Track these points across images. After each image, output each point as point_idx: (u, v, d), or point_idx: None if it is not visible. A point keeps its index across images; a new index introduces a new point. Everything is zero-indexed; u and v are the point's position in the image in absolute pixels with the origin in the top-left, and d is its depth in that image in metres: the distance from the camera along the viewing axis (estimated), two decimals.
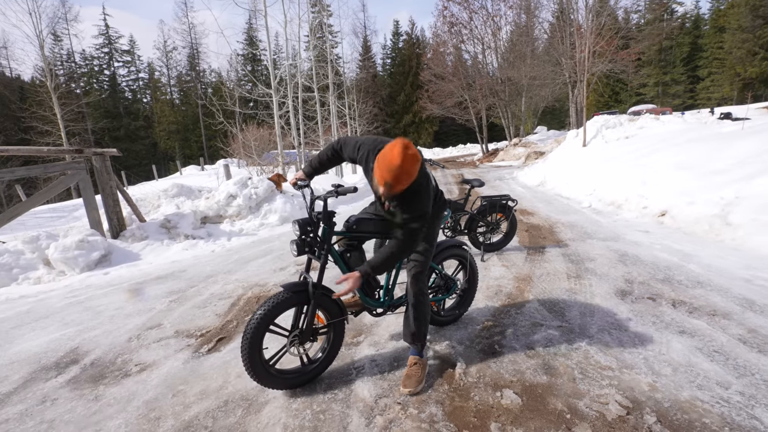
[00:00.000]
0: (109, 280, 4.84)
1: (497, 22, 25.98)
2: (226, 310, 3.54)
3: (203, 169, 31.09)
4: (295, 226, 2.11)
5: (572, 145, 13.02)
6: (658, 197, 5.92)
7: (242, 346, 2.00)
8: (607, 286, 3.34)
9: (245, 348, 1.99)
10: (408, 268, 2.29)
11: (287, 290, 2.06)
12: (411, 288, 2.26)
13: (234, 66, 41.21)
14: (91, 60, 49.15)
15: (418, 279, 2.25)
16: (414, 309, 2.26)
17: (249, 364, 2.00)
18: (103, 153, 5.93)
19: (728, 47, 36.13)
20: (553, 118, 42.84)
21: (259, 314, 2.00)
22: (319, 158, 2.47)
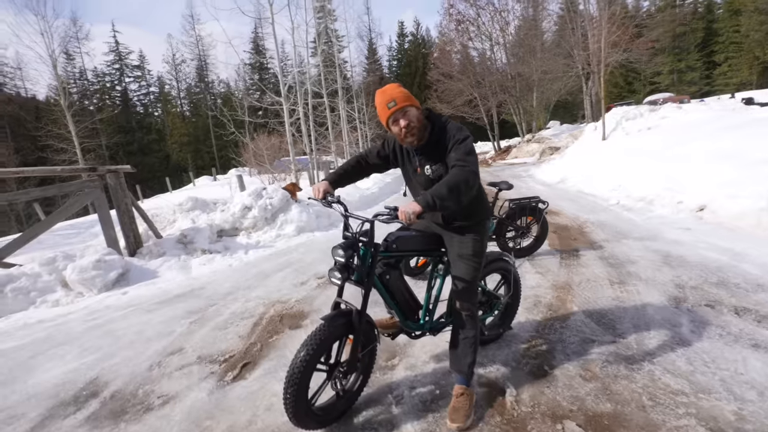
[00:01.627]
0: (128, 301, 4.73)
1: (505, 17, 25.61)
2: (249, 330, 3.37)
3: (216, 180, 31.39)
4: (339, 251, 1.88)
5: (591, 138, 12.63)
6: (695, 191, 5.59)
7: (286, 392, 1.76)
8: (656, 293, 3.08)
9: (291, 395, 1.75)
10: (454, 284, 2.08)
11: (330, 324, 1.86)
12: (459, 308, 2.05)
13: (242, 75, 41.57)
14: (103, 77, 50.20)
15: (467, 298, 2.04)
16: (463, 333, 2.05)
17: (293, 412, 1.78)
18: (117, 170, 5.86)
19: (745, 30, 35.03)
20: (566, 112, 42.05)
21: (303, 356, 1.78)
22: (344, 167, 2.30)
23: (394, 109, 1.87)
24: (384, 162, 2.23)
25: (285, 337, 3.14)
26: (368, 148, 2.30)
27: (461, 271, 2.06)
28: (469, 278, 2.04)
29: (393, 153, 2.16)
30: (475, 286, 2.07)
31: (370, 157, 2.25)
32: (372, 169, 2.29)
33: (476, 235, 2.08)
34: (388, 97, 1.88)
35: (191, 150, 51.80)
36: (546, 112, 31.15)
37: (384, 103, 1.89)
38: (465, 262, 2.05)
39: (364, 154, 2.29)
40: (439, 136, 1.95)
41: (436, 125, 1.97)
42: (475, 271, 2.05)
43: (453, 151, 1.87)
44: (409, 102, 1.88)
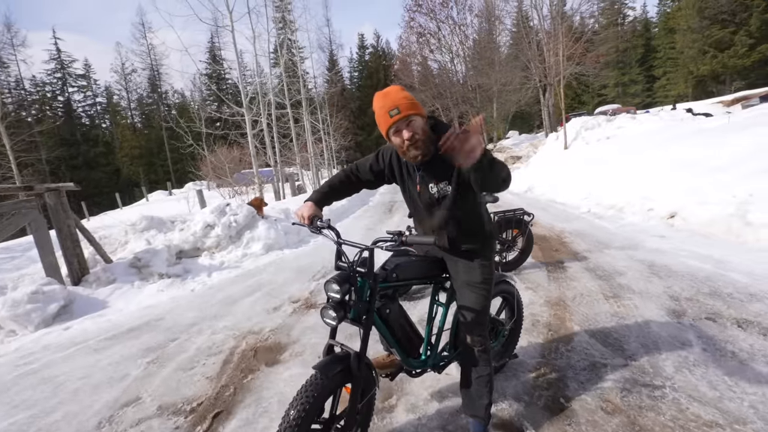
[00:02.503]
0: (71, 337, 4.12)
1: (464, 30, 26.31)
2: (219, 370, 2.95)
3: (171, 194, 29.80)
4: (333, 286, 1.57)
5: (554, 148, 13.01)
6: (664, 198, 5.73)
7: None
8: (654, 307, 2.98)
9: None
10: (462, 316, 1.83)
11: (324, 374, 1.53)
12: (470, 343, 1.80)
13: (198, 86, 40.09)
14: (43, 86, 46.72)
15: (479, 331, 1.80)
16: (476, 372, 1.80)
17: None
18: (58, 188, 5.21)
19: (680, 47, 38.05)
20: (523, 123, 43.76)
21: (295, 418, 1.44)
22: (330, 183, 2.01)
23: (396, 118, 1.59)
24: (377, 178, 1.95)
25: (262, 377, 2.76)
26: (359, 161, 2.00)
27: (470, 301, 1.81)
28: (479, 308, 1.80)
29: (389, 167, 1.89)
30: (485, 317, 1.84)
31: (362, 171, 1.97)
32: (362, 185, 2.02)
33: (484, 259, 1.84)
34: (390, 102, 1.60)
35: (144, 163, 49.10)
36: (505, 122, 32.17)
37: (385, 110, 1.60)
38: (474, 291, 1.81)
39: (354, 167, 2.01)
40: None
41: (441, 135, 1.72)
42: (485, 300, 1.81)
43: None
44: (415, 110, 1.61)
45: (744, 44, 32.51)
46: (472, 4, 26.94)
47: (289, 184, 15.07)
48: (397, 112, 1.59)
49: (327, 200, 1.96)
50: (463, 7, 26.63)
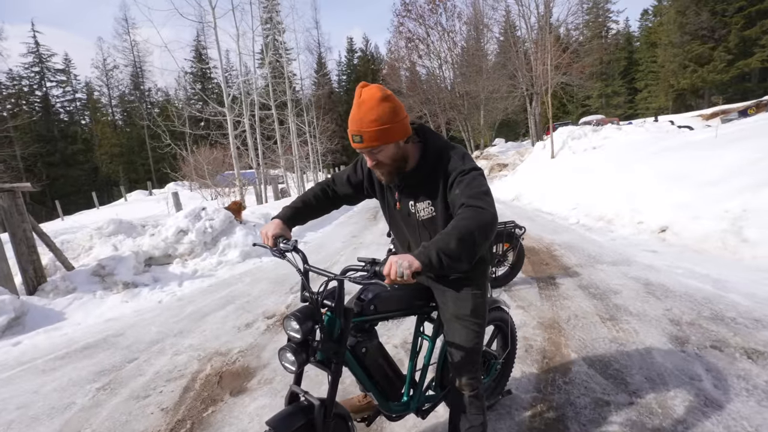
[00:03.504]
0: (19, 355, 3.72)
1: (452, 37, 26.37)
2: (177, 400, 2.62)
3: (151, 194, 28.96)
4: (292, 323, 1.28)
5: (540, 157, 12.97)
6: (654, 212, 5.61)
7: None
8: (655, 332, 2.78)
9: None
10: (450, 355, 1.57)
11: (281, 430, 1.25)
12: (459, 387, 1.54)
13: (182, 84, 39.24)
14: (20, 80, 45.11)
15: (469, 371, 1.54)
16: (467, 421, 1.54)
17: None
18: (13, 189, 4.78)
19: (661, 61, 38.95)
20: (509, 130, 44.16)
21: None
22: (303, 198, 1.73)
23: (358, 146, 1.36)
24: (356, 191, 1.70)
25: (225, 409, 2.44)
26: (336, 174, 1.75)
27: (460, 337, 1.55)
28: (470, 345, 1.54)
29: (368, 179, 1.64)
30: (478, 356, 1.57)
31: (339, 185, 1.72)
32: (341, 200, 1.76)
33: (476, 288, 1.57)
34: (356, 125, 1.32)
35: (123, 162, 47.78)
36: (492, 130, 32.34)
37: (350, 130, 1.35)
38: (464, 325, 1.55)
39: (330, 180, 1.75)
40: (433, 164, 1.43)
41: (430, 148, 1.45)
42: (477, 336, 1.55)
43: (458, 186, 1.34)
44: (383, 140, 1.32)
45: (723, 60, 33.42)
46: (461, 11, 27.11)
47: (272, 187, 14.68)
48: (360, 141, 1.33)
49: (299, 218, 1.69)
50: (452, 14, 26.73)
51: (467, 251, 1.15)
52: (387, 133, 1.32)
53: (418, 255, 1.13)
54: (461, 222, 1.21)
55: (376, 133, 1.30)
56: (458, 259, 1.14)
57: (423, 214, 1.49)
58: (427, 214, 1.48)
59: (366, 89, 1.34)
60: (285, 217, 1.62)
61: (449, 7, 26.43)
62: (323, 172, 27.38)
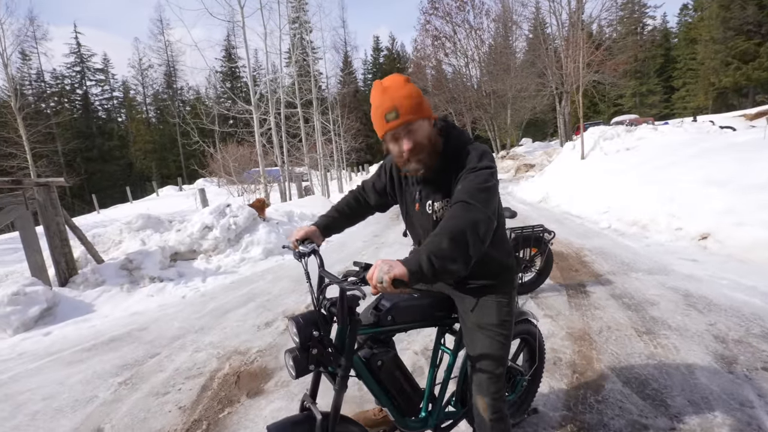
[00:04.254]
0: (49, 345, 3.84)
1: (480, 35, 25.90)
2: (195, 398, 2.61)
3: (182, 190, 29.83)
4: (292, 326, 1.22)
5: (570, 157, 12.53)
6: (694, 217, 5.27)
7: None
8: (698, 350, 2.57)
9: None
10: (472, 370, 1.45)
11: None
12: (480, 407, 1.43)
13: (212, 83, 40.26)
14: (62, 79, 47.41)
15: (492, 390, 1.41)
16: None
17: None
18: (48, 183, 4.95)
19: (701, 58, 37.07)
20: (537, 130, 43.09)
21: None
22: (337, 207, 1.71)
23: (394, 124, 1.25)
24: (382, 197, 1.64)
25: (241, 411, 2.41)
26: (364, 181, 1.70)
27: (482, 349, 1.42)
28: (493, 359, 1.41)
29: (390, 182, 1.56)
30: (501, 371, 1.43)
31: (367, 191, 1.69)
32: (373, 209, 1.73)
33: (502, 296, 1.45)
34: (389, 102, 1.24)
35: (156, 158, 49.49)
36: (518, 129, 31.62)
37: (381, 112, 1.26)
38: (487, 335, 1.42)
39: (360, 188, 1.72)
40: (451, 160, 1.33)
41: (451, 144, 1.35)
42: (502, 349, 1.42)
43: (462, 182, 1.24)
44: (419, 114, 1.27)
45: None
46: (489, 8, 26.61)
47: (296, 184, 14.79)
48: (395, 117, 1.24)
49: (335, 228, 1.68)
50: (479, 12, 26.25)
51: (460, 252, 1.06)
52: (421, 108, 1.27)
53: (406, 260, 1.04)
54: (450, 221, 1.12)
55: (411, 106, 1.25)
56: (452, 260, 1.04)
57: (440, 214, 1.40)
58: (443, 213, 1.39)
59: (389, 79, 1.31)
60: (321, 226, 1.63)
61: (477, 5, 25.99)
62: (347, 171, 27.47)
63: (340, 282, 1.19)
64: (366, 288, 1.10)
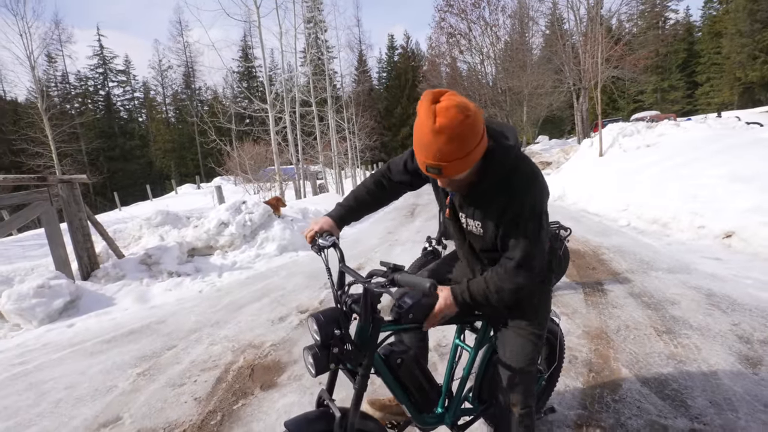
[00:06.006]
0: (71, 337, 3.96)
1: (495, 31, 25.57)
2: (209, 390, 2.65)
3: (199, 188, 30.37)
4: (313, 324, 1.21)
5: (587, 154, 12.29)
6: (718, 215, 5.10)
7: None
8: (720, 350, 2.49)
9: None
10: (501, 368, 1.44)
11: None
12: (509, 405, 1.41)
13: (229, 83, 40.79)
14: (86, 80, 48.86)
15: (523, 388, 1.40)
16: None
17: None
18: (71, 180, 5.10)
19: (726, 52, 35.92)
20: (554, 127, 42.40)
21: None
22: (356, 194, 1.63)
23: (433, 176, 1.17)
24: (413, 177, 1.54)
25: (254, 403, 2.44)
26: (392, 161, 1.59)
27: (514, 348, 1.40)
28: (526, 358, 1.39)
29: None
30: (533, 371, 1.43)
31: (394, 172, 1.57)
32: (398, 189, 1.62)
33: (538, 295, 1.43)
34: (434, 155, 1.07)
35: (175, 157, 50.52)
36: (535, 127, 31.11)
37: (423, 155, 1.11)
38: (520, 335, 1.40)
39: (385, 170, 1.61)
40: (493, 185, 1.23)
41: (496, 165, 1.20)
42: (535, 350, 1.40)
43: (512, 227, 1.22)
44: (464, 168, 1.12)
45: None
46: (505, 4, 26.15)
47: (310, 182, 14.91)
48: (437, 173, 1.12)
49: (352, 217, 1.61)
50: (495, 8, 25.86)
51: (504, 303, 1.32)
52: (468, 161, 1.10)
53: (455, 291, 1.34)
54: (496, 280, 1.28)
55: (456, 165, 1.09)
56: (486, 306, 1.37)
57: (471, 229, 1.37)
58: (475, 230, 1.36)
59: (443, 111, 1.03)
60: (337, 217, 1.56)
61: (493, 1, 25.64)
62: (361, 169, 27.52)
63: (367, 282, 1.18)
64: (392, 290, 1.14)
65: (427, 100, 1.07)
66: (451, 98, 1.06)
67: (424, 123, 1.06)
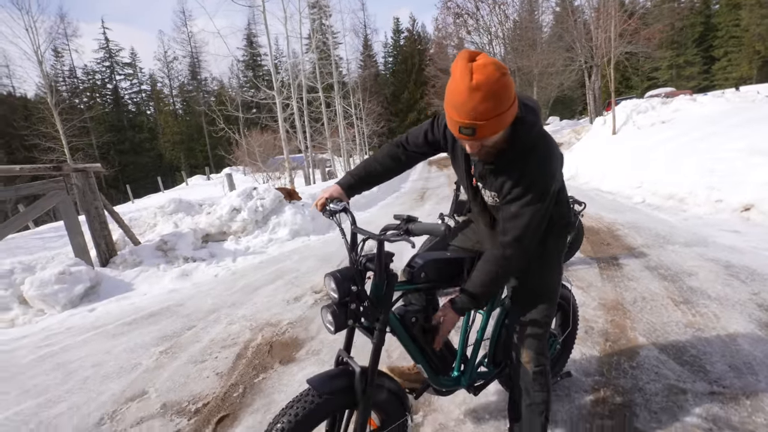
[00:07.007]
0: (94, 320, 4.07)
1: (504, 10, 24.98)
2: (230, 366, 2.72)
3: (209, 179, 30.63)
4: (330, 282, 1.25)
5: (601, 133, 12.06)
6: (736, 189, 4.99)
7: None
8: (739, 317, 2.46)
9: None
10: (516, 328, 1.47)
11: (320, 392, 1.21)
12: (524, 362, 1.44)
13: (235, 72, 40.71)
14: (93, 74, 49.12)
15: (538, 347, 1.43)
16: (528, 398, 1.44)
17: None
18: (86, 169, 5.18)
19: (745, 24, 34.64)
20: (564, 108, 41.60)
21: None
22: (366, 165, 1.63)
23: (465, 138, 1.15)
24: (432, 147, 1.54)
25: (274, 377, 2.50)
26: (411, 131, 1.58)
27: (528, 309, 1.44)
28: (540, 318, 1.42)
29: (444, 139, 1.47)
30: (547, 329, 1.46)
31: (412, 143, 1.56)
32: (413, 159, 1.62)
33: (551, 255, 1.45)
34: (469, 114, 1.06)
35: (184, 149, 50.87)
36: (545, 107, 30.57)
37: (455, 115, 1.10)
38: (534, 296, 1.44)
39: (403, 140, 1.60)
40: (513, 160, 1.24)
41: (519, 140, 1.23)
42: (550, 309, 1.43)
43: (510, 204, 1.25)
44: (498, 129, 1.11)
45: None
46: None
47: (319, 170, 14.93)
48: (471, 134, 1.10)
49: (361, 186, 1.61)
50: None
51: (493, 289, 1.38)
52: (502, 121, 1.10)
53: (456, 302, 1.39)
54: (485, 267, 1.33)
55: (491, 124, 1.08)
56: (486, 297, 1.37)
57: (488, 200, 1.41)
58: (491, 201, 1.39)
59: (481, 68, 1.03)
60: (346, 185, 1.57)
61: None
62: (369, 155, 27.46)
63: (380, 235, 1.22)
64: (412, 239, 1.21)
65: (464, 59, 1.06)
66: (487, 57, 1.06)
67: (460, 81, 1.05)
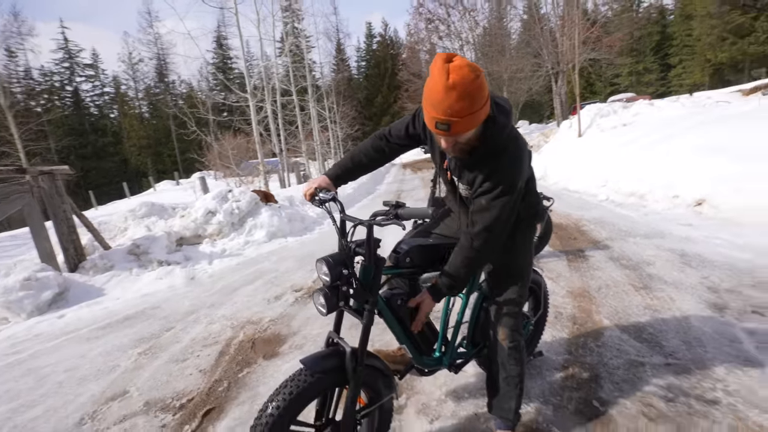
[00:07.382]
0: (64, 326, 3.95)
1: (474, 16, 25.63)
2: (213, 362, 2.73)
3: (178, 184, 29.77)
4: (322, 267, 1.32)
5: (567, 136, 12.58)
6: (691, 185, 5.37)
7: None
8: (691, 299, 2.69)
9: None
10: (493, 308, 1.60)
11: (313, 371, 1.29)
12: (501, 339, 1.56)
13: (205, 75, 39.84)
14: (51, 75, 46.76)
15: (512, 324, 1.57)
16: (504, 371, 1.56)
17: None
18: (52, 172, 5.01)
19: (697, 34, 36.84)
20: (533, 112, 42.97)
21: (273, 411, 1.22)
22: (352, 156, 1.71)
23: (440, 133, 1.24)
24: (412, 140, 1.64)
25: (258, 371, 2.53)
26: (393, 124, 1.68)
27: (503, 289, 1.57)
28: (514, 297, 1.56)
29: (423, 132, 1.57)
30: (521, 309, 1.61)
31: (395, 136, 1.65)
32: (395, 152, 1.71)
33: (522, 242, 1.59)
34: (444, 111, 1.15)
35: (151, 153, 49.20)
36: (516, 110, 31.50)
37: (432, 113, 1.20)
38: (508, 278, 1.58)
39: (386, 132, 1.69)
40: (484, 157, 1.35)
41: (490, 139, 1.33)
42: (522, 289, 1.57)
43: (480, 197, 1.37)
44: (471, 126, 1.22)
45: (765, 30, 31.31)
46: None
47: (294, 173, 14.84)
48: (446, 129, 1.20)
49: (347, 177, 1.69)
50: None
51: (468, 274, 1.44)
52: (475, 119, 1.20)
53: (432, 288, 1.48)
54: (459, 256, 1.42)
55: (465, 121, 1.18)
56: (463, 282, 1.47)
57: (463, 192, 1.53)
58: (464, 192, 1.52)
59: (457, 69, 1.13)
60: (333, 176, 1.65)
61: None
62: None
63: (370, 220, 1.32)
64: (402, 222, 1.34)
65: (441, 60, 1.16)
66: (462, 59, 1.16)
67: (438, 80, 1.14)
